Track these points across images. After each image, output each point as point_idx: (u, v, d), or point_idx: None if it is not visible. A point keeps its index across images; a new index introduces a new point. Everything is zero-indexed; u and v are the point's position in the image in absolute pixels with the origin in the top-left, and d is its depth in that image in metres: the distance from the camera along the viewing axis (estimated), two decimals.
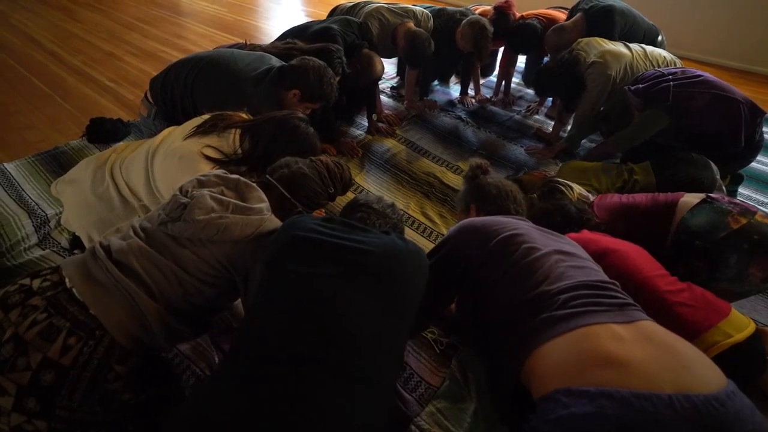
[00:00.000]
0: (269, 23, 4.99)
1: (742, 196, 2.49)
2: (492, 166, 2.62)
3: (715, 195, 1.50)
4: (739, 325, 1.16)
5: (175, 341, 1.14)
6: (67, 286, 0.99)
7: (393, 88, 3.54)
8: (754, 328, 1.18)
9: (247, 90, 1.92)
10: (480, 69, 3.47)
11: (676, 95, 2.05)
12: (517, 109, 3.38)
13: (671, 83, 2.07)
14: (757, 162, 2.69)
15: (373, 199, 1.25)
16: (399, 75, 3.60)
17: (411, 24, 2.86)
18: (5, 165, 2.31)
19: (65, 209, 1.66)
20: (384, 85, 3.54)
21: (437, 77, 3.60)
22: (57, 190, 1.64)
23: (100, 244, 1.08)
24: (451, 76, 3.67)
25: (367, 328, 0.89)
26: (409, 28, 2.79)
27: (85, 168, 1.60)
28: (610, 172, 2.11)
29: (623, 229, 1.49)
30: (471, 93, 3.45)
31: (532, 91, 3.53)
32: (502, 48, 3.32)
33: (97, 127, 2.57)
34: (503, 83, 3.47)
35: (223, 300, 1.23)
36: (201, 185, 1.17)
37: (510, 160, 2.76)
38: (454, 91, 3.57)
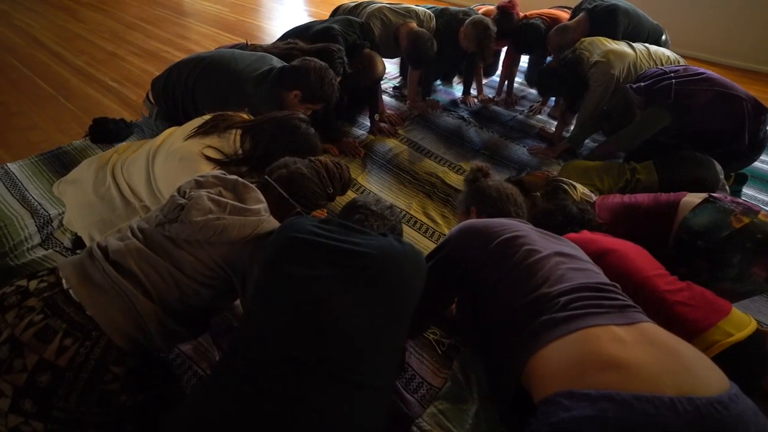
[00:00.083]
0: (272, 23, 5.00)
1: (746, 196, 2.47)
2: (495, 166, 2.66)
3: (718, 194, 1.49)
4: (739, 324, 1.14)
5: (172, 342, 1.14)
6: (64, 287, 0.99)
7: (395, 88, 3.53)
8: (756, 326, 1.16)
9: (248, 90, 1.92)
10: (483, 69, 3.46)
11: (678, 93, 2.03)
12: (520, 108, 3.37)
13: (673, 81, 2.06)
14: (761, 162, 2.68)
15: (371, 201, 1.24)
16: (401, 75, 3.59)
17: (413, 24, 2.85)
18: (9, 165, 2.33)
19: (67, 209, 1.66)
20: (386, 84, 3.54)
21: (440, 77, 3.59)
22: (59, 190, 1.65)
23: (98, 245, 1.08)
24: (454, 76, 3.66)
25: (364, 330, 0.89)
26: (411, 28, 2.78)
27: (87, 168, 1.60)
28: (612, 171, 2.09)
29: (625, 230, 1.48)
30: (474, 93, 3.45)
31: (535, 91, 3.53)
32: (505, 48, 3.30)
33: (100, 127, 2.58)
34: (506, 83, 3.46)
35: (220, 301, 1.23)
36: (199, 186, 1.17)
37: (513, 160, 2.75)
38: (457, 90, 3.56)
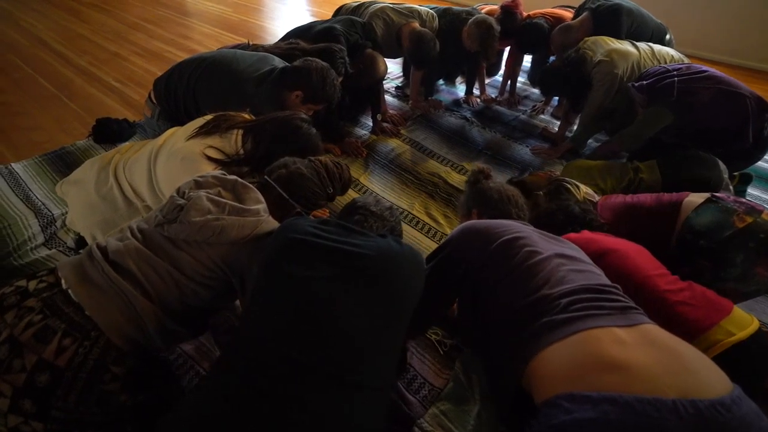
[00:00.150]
0: (274, 23, 5.00)
1: (751, 196, 2.45)
2: (497, 167, 2.65)
3: (721, 194, 1.48)
4: (741, 323, 1.13)
5: (172, 342, 1.14)
6: (63, 288, 0.99)
7: (398, 88, 3.53)
8: (758, 325, 1.14)
9: (249, 91, 1.92)
10: (486, 68, 3.45)
11: (681, 91, 2.02)
12: (523, 108, 3.36)
13: (675, 79, 2.04)
14: (765, 161, 2.66)
15: (371, 202, 1.24)
16: (404, 75, 3.59)
17: (416, 24, 2.84)
18: (12, 165, 2.34)
19: (70, 209, 1.67)
20: (389, 84, 3.54)
21: (442, 77, 3.58)
22: (62, 190, 1.65)
23: (97, 245, 1.09)
24: (457, 76, 3.65)
25: (364, 330, 0.89)
26: (413, 29, 2.78)
27: (89, 168, 1.61)
28: (614, 170, 2.08)
29: (627, 230, 1.47)
30: (476, 93, 3.44)
31: (537, 91, 3.51)
32: (508, 47, 3.29)
33: (103, 127, 2.59)
34: (509, 83, 3.45)
35: (219, 301, 1.22)
36: (198, 186, 1.17)
37: (515, 160, 2.74)
38: (460, 90, 3.55)
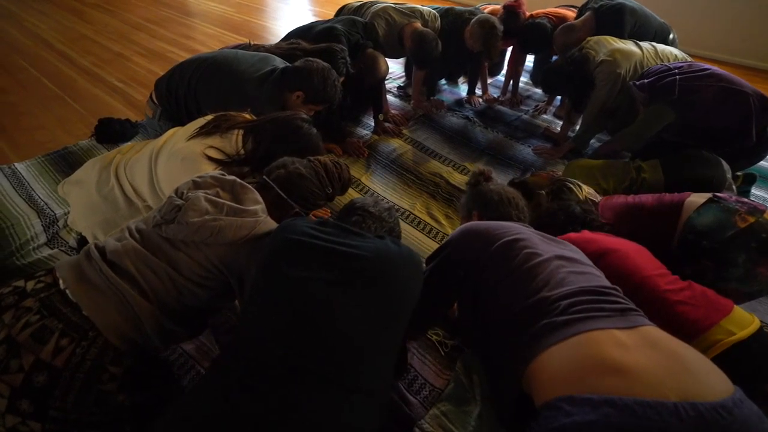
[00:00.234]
0: (277, 23, 5.00)
1: (754, 197, 2.43)
2: (499, 167, 2.65)
3: (723, 194, 1.46)
4: (742, 322, 1.11)
5: (169, 342, 1.14)
6: (61, 288, 0.99)
7: (400, 88, 3.52)
8: (759, 325, 1.12)
9: (250, 91, 1.92)
10: (488, 68, 3.45)
11: (682, 89, 2.00)
12: (525, 108, 3.35)
13: (677, 77, 2.03)
14: None
15: (369, 202, 1.23)
16: (406, 74, 3.58)
17: (418, 24, 2.84)
18: (16, 165, 2.34)
19: (72, 209, 1.67)
20: (391, 84, 3.53)
21: (444, 77, 3.57)
22: (64, 190, 1.65)
23: (95, 245, 1.09)
24: (459, 76, 3.64)
25: (362, 331, 0.89)
26: (416, 28, 2.77)
27: (90, 169, 1.61)
28: (616, 170, 2.06)
29: (629, 230, 1.46)
30: (478, 93, 3.43)
31: (540, 91, 3.51)
32: (511, 47, 3.28)
33: (106, 127, 2.60)
34: (511, 82, 3.44)
35: (217, 301, 1.22)
36: (196, 187, 1.17)
37: (517, 160, 2.73)
38: (462, 90, 3.54)
